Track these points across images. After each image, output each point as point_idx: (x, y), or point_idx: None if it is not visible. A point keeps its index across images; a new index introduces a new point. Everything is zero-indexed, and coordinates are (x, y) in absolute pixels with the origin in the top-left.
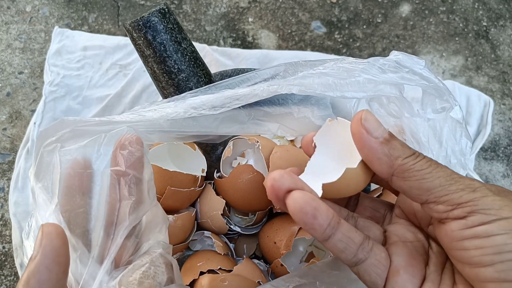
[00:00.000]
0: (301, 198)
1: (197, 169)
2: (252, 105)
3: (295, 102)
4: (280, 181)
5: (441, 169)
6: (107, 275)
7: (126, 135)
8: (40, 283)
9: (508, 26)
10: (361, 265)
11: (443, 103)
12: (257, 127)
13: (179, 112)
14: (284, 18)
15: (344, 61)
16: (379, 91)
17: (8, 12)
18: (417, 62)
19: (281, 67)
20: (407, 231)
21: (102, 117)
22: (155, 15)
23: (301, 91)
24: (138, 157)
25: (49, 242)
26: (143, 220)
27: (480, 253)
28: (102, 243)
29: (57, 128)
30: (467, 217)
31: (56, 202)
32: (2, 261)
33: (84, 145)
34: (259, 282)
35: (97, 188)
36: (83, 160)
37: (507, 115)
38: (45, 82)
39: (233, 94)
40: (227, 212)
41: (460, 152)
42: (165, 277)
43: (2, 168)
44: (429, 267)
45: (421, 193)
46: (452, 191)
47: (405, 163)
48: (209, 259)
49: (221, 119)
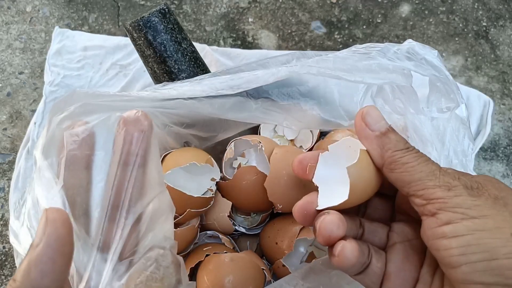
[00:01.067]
0: (352, 251)
1: (207, 180)
2: (261, 94)
3: (303, 94)
4: (337, 232)
5: (426, 165)
6: (112, 272)
7: (134, 110)
8: (42, 274)
9: (507, 26)
10: (359, 275)
11: (448, 102)
12: (264, 116)
13: (196, 91)
14: (284, 18)
15: (359, 46)
16: (392, 79)
17: (9, 12)
18: (430, 51)
19: (294, 55)
20: (408, 227)
21: (116, 92)
22: (155, 15)
23: (320, 72)
24: (146, 136)
25: (54, 231)
26: (149, 207)
27: (448, 254)
28: (106, 230)
29: (69, 101)
30: (437, 214)
31: (61, 184)
32: (2, 261)
33: (92, 126)
34: (263, 269)
35: (102, 169)
36: (91, 142)
37: (506, 115)
38: (45, 82)
39: (250, 75)
40: (231, 213)
41: (462, 152)
42: (173, 279)
43: (3, 168)
44: (423, 267)
45: (403, 185)
46: (429, 186)
47: (393, 156)
48: (214, 246)
49: (230, 105)
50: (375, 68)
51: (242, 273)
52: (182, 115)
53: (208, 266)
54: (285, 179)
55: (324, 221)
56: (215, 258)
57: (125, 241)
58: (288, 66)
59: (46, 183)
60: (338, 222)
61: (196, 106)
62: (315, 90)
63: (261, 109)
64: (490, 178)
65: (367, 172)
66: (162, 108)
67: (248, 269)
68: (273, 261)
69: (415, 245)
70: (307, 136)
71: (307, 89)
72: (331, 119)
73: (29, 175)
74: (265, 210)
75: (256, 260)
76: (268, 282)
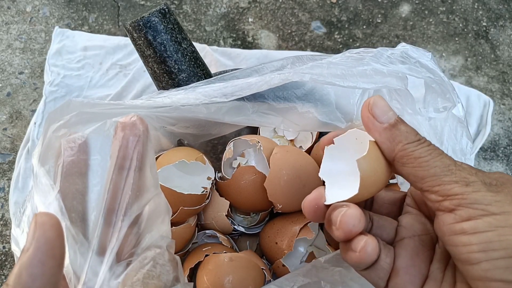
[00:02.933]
0: (370, 245)
1: (203, 179)
2: (257, 98)
3: (299, 97)
4: (358, 226)
5: (440, 159)
6: (109, 272)
7: (131, 116)
8: (32, 277)
9: (507, 26)
10: (365, 270)
11: (445, 102)
12: (261, 119)
13: (189, 99)
14: (284, 18)
15: (353, 51)
16: (386, 83)
17: (9, 12)
18: (424, 54)
19: (289, 60)
20: (417, 222)
21: (111, 101)
22: (155, 15)
23: (312, 79)
24: (142, 140)
25: (42, 234)
26: (145, 209)
27: (467, 250)
28: (102, 233)
29: (65, 110)
30: (455, 210)
31: (58, 189)
32: (2, 261)
33: (89, 133)
34: (263, 269)
35: (98, 174)
36: (87, 148)
37: (506, 115)
38: (45, 82)
39: (243, 82)
40: (230, 213)
41: (460, 151)
42: (170, 276)
43: (3, 168)
44: (433, 263)
45: (416, 181)
46: (445, 182)
47: (405, 149)
48: (213, 246)
49: (227, 109)
50: (370, 72)
51: (242, 273)
52: (177, 118)
53: (207, 266)
54: (285, 179)
55: (345, 214)
56: (214, 258)
57: (121, 243)
58: (281, 74)
59: (43, 189)
60: (359, 216)
61: (192, 110)
62: (311, 93)
63: (258, 113)
64: (506, 175)
65: (377, 164)
66: (157, 112)
67: (248, 269)
68: (273, 261)
69: (424, 240)
70: (306, 136)
71: (303, 92)
72: (328, 121)
73: (29, 175)
74: (264, 210)
75: (255, 260)
76: (268, 281)
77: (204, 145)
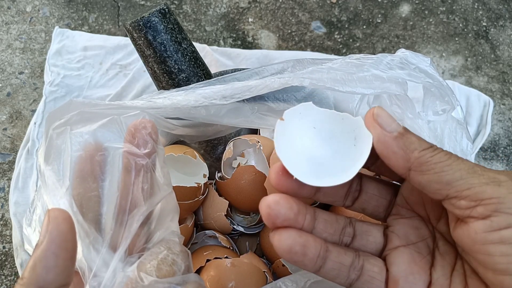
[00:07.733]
0: (288, 238)
1: (199, 176)
2: (257, 100)
3: (299, 99)
4: (276, 209)
5: (462, 161)
6: (121, 263)
7: (141, 119)
8: (46, 269)
9: (507, 26)
10: (355, 284)
11: (443, 105)
12: (260, 121)
13: (189, 101)
14: (284, 18)
15: (353, 56)
16: (385, 89)
17: (9, 12)
18: (423, 59)
19: (290, 63)
20: (411, 229)
21: (112, 102)
22: (155, 15)
23: (312, 84)
24: (153, 142)
25: (55, 227)
26: (156, 207)
27: (507, 260)
28: (115, 229)
29: (65, 110)
30: (491, 217)
31: (67, 185)
32: (2, 261)
33: (97, 127)
34: (264, 272)
35: (110, 172)
36: (95, 143)
37: (506, 115)
38: (45, 82)
39: (243, 85)
40: (229, 212)
41: (461, 152)
42: (183, 264)
43: (3, 168)
44: (435, 270)
45: (441, 187)
46: (475, 184)
47: (422, 156)
48: (214, 249)
49: (226, 111)
50: (369, 78)
51: (244, 277)
52: (177, 120)
53: (209, 272)
54: None
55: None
56: (216, 263)
57: (132, 239)
58: (282, 78)
59: (51, 187)
60: (278, 199)
61: (192, 111)
62: (310, 96)
63: (257, 114)
64: None
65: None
66: (158, 113)
67: (250, 273)
68: (273, 260)
69: (420, 247)
70: None
71: (303, 95)
72: None
73: (29, 175)
74: None
75: (257, 263)
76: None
77: (204, 145)
